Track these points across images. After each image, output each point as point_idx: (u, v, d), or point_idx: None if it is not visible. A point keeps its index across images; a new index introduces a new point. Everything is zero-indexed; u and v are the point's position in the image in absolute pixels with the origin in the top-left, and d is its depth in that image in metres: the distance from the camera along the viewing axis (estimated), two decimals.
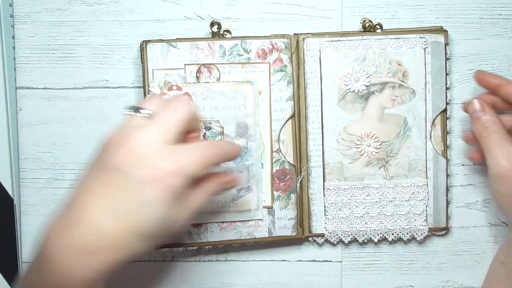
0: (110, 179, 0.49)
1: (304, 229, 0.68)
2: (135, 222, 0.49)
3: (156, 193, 0.48)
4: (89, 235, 0.48)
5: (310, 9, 0.68)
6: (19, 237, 0.70)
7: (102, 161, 0.50)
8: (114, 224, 0.48)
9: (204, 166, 0.51)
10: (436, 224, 0.68)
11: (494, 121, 0.60)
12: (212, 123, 0.65)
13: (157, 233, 0.50)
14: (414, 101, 0.66)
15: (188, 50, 0.65)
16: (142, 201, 0.48)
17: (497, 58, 0.68)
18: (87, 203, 0.49)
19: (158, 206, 0.49)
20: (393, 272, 0.70)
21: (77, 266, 0.48)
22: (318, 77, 0.66)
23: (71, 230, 0.48)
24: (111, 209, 0.48)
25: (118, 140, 0.50)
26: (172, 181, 0.49)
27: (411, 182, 0.67)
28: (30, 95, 0.69)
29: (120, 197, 0.49)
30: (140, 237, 0.49)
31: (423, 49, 0.66)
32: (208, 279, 0.70)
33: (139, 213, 0.49)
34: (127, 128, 0.51)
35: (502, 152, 0.59)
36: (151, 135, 0.50)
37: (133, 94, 0.68)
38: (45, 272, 0.49)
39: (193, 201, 0.53)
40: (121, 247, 0.49)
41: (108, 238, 0.48)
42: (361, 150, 0.67)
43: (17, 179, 0.69)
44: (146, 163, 0.49)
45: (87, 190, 0.50)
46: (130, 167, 0.49)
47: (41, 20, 0.68)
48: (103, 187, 0.49)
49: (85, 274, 0.48)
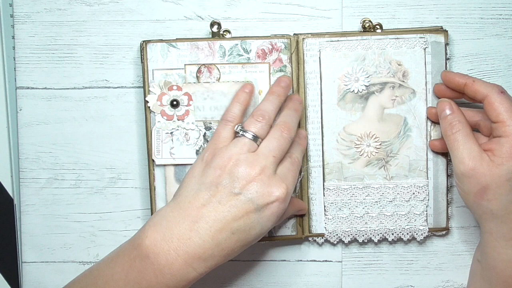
0: (233, 201, 0.56)
1: (304, 229, 0.68)
2: (248, 237, 0.57)
3: (270, 214, 0.57)
4: (210, 245, 0.55)
5: (310, 9, 0.68)
6: (19, 237, 0.70)
7: (219, 182, 0.56)
8: (233, 238, 0.56)
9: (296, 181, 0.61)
10: (436, 224, 0.68)
11: (460, 120, 0.61)
12: (212, 123, 0.65)
13: (252, 243, 0.59)
14: (414, 101, 0.66)
15: (188, 50, 0.65)
16: (260, 220, 0.57)
17: (497, 58, 0.68)
18: (210, 219, 0.55)
19: (267, 225, 0.57)
20: (393, 272, 0.70)
21: (192, 270, 0.55)
22: (318, 77, 0.66)
23: (194, 241, 0.55)
24: (232, 226, 0.56)
25: (237, 164, 0.57)
26: (282, 205, 0.57)
27: (411, 182, 0.67)
28: (30, 95, 0.69)
29: (242, 216, 0.56)
30: (244, 248, 0.58)
31: (423, 49, 0.66)
32: (208, 279, 0.70)
33: (255, 229, 0.57)
34: (242, 153, 0.57)
35: (466, 151, 0.59)
36: (271, 166, 0.57)
37: (133, 94, 0.68)
38: (151, 271, 0.55)
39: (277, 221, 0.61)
40: (230, 255, 0.57)
41: (224, 249, 0.56)
42: (361, 150, 0.67)
43: (17, 179, 0.69)
44: (263, 190, 0.56)
45: (207, 207, 0.56)
46: (252, 192, 0.56)
47: (41, 20, 0.68)
48: (226, 206, 0.56)
49: (196, 276, 0.56)
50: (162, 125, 0.65)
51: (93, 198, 0.70)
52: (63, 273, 0.70)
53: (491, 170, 0.58)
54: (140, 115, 0.68)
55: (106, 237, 0.70)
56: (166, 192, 0.66)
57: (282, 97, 0.62)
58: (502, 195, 0.59)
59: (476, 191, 0.59)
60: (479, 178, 0.59)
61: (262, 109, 0.60)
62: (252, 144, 0.58)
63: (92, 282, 0.58)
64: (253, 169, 0.56)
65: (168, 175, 0.66)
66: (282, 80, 0.63)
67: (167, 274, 0.55)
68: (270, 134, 0.59)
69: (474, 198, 0.60)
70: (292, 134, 0.60)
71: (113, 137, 0.69)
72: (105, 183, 0.69)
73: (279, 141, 0.59)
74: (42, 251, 0.70)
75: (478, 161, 0.59)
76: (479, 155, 0.59)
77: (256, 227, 0.57)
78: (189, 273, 0.55)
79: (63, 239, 0.70)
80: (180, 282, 0.55)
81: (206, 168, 0.57)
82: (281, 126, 0.60)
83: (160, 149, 0.65)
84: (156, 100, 0.65)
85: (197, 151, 0.65)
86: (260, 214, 0.56)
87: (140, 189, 0.69)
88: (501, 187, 0.58)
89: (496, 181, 0.58)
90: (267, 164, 0.57)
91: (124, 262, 0.56)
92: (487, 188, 0.59)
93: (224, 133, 0.59)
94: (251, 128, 0.59)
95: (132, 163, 0.69)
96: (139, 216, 0.70)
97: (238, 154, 0.57)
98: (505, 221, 0.60)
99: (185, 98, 0.65)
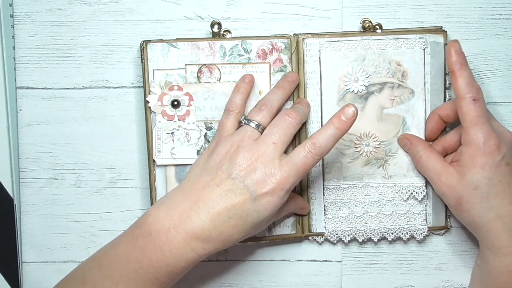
0: (230, 185, 0.57)
1: (303, 228, 0.68)
2: (245, 224, 0.57)
3: (270, 202, 0.57)
4: (208, 226, 0.56)
5: (310, 9, 0.68)
6: (19, 237, 0.70)
7: (219, 167, 0.58)
8: (231, 222, 0.56)
9: (299, 180, 0.59)
10: (436, 224, 0.68)
11: (421, 147, 0.64)
12: (213, 123, 0.65)
13: (251, 234, 0.59)
14: (413, 101, 0.66)
15: (188, 50, 0.65)
16: (257, 208, 0.57)
17: (497, 58, 0.68)
18: (208, 201, 0.57)
19: (264, 214, 0.57)
20: (393, 272, 0.70)
21: (190, 249, 0.56)
22: (318, 77, 0.66)
23: (193, 220, 0.56)
24: (229, 210, 0.56)
25: (237, 151, 0.58)
26: (280, 194, 0.57)
27: (410, 181, 0.67)
28: (30, 95, 0.68)
29: (238, 201, 0.56)
30: (243, 236, 0.58)
31: (422, 49, 0.66)
32: (209, 279, 0.70)
33: (252, 216, 0.57)
34: (244, 140, 0.59)
35: (433, 171, 0.63)
36: (269, 153, 0.57)
37: (133, 94, 0.68)
38: (152, 248, 0.56)
39: (277, 215, 0.63)
40: (228, 240, 0.57)
41: (221, 232, 0.57)
42: (360, 149, 0.67)
43: (17, 179, 0.69)
44: (265, 178, 0.57)
45: (206, 189, 0.57)
46: (248, 178, 0.57)
47: (41, 20, 0.68)
48: (223, 190, 0.57)
49: (194, 257, 0.57)
50: (163, 125, 0.65)
51: (93, 198, 0.70)
52: (63, 273, 0.69)
53: (459, 182, 0.61)
54: (140, 115, 0.68)
55: (106, 237, 0.70)
56: (167, 192, 0.66)
57: (287, 91, 0.64)
58: (476, 204, 0.60)
59: (454, 205, 0.62)
60: (451, 192, 0.61)
61: (266, 98, 0.62)
62: (254, 132, 0.59)
63: (96, 265, 0.59)
64: (252, 155, 0.57)
65: (169, 175, 0.66)
66: (289, 75, 0.65)
67: (167, 251, 0.56)
68: (273, 121, 0.60)
69: (455, 211, 0.63)
70: (297, 119, 0.60)
71: (113, 137, 0.69)
72: (105, 183, 0.69)
73: (280, 127, 0.59)
74: (42, 251, 0.70)
75: (445, 177, 0.62)
76: (445, 170, 0.62)
77: (252, 214, 0.57)
78: (187, 253, 0.56)
79: (63, 239, 0.70)
80: (179, 261, 0.56)
81: (211, 155, 0.59)
82: (285, 112, 0.61)
83: (161, 149, 0.65)
84: (157, 100, 0.65)
85: (198, 151, 0.65)
86: (256, 201, 0.57)
87: (140, 189, 0.69)
88: (472, 196, 0.60)
89: (465, 191, 0.60)
90: (266, 151, 0.58)
91: (127, 241, 0.58)
92: (461, 199, 0.61)
93: (227, 122, 0.62)
94: (254, 117, 0.60)
95: (132, 163, 0.69)
96: (139, 216, 0.69)
97: (239, 141, 0.59)
98: (489, 229, 0.61)
99: (186, 98, 0.65)
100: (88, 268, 0.59)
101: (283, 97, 0.63)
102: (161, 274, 0.57)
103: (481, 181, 0.59)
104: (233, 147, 0.58)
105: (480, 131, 0.59)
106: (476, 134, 0.60)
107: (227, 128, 0.61)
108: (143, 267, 0.56)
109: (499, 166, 0.60)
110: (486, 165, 0.59)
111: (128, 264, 0.57)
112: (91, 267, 0.59)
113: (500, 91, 0.69)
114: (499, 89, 0.69)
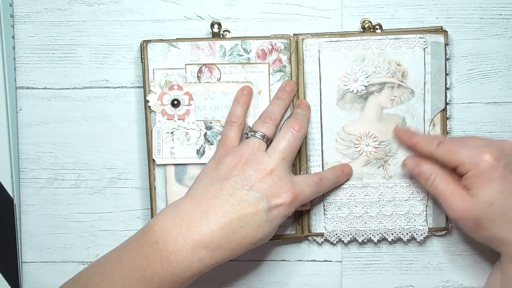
0: (243, 195, 0.57)
1: (303, 229, 0.68)
2: (255, 235, 0.58)
3: (280, 214, 0.58)
4: (218, 235, 0.56)
5: (310, 9, 0.68)
6: (19, 237, 0.70)
7: (231, 177, 0.58)
8: (242, 232, 0.57)
9: (311, 198, 0.62)
10: (436, 224, 0.68)
11: (432, 169, 0.63)
12: (213, 122, 0.65)
13: (259, 244, 0.60)
14: (413, 101, 0.66)
15: (188, 50, 0.65)
16: (268, 218, 0.58)
17: (497, 58, 0.68)
18: (220, 210, 0.57)
19: (273, 224, 0.59)
20: (393, 272, 0.70)
21: (198, 259, 0.56)
22: (317, 77, 0.66)
23: (203, 229, 0.56)
24: (241, 219, 0.57)
25: (248, 163, 0.59)
26: (291, 208, 0.59)
27: (410, 182, 0.67)
28: (30, 95, 0.69)
29: (251, 211, 0.57)
30: (251, 246, 0.59)
31: (422, 49, 0.66)
32: (209, 279, 0.70)
33: (263, 226, 0.58)
34: (254, 153, 0.60)
35: (453, 196, 0.61)
36: (282, 169, 0.59)
37: (133, 94, 0.68)
38: (158, 257, 0.56)
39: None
40: (237, 250, 0.58)
41: (231, 241, 0.57)
42: (359, 149, 0.67)
43: (17, 179, 0.69)
44: (273, 190, 0.58)
45: (218, 198, 0.58)
46: (263, 189, 0.58)
47: (41, 20, 0.68)
48: (236, 200, 0.57)
49: (200, 267, 0.56)
50: (163, 125, 0.65)
51: (93, 198, 0.70)
52: (63, 273, 0.70)
53: (473, 203, 0.60)
54: (140, 115, 0.68)
55: (106, 237, 0.70)
56: (167, 192, 0.66)
57: (287, 101, 0.65)
58: (496, 219, 0.60)
59: (473, 228, 0.61)
60: (468, 215, 0.60)
61: (268, 111, 0.63)
62: (262, 144, 0.60)
63: (100, 271, 0.58)
64: (264, 168, 0.58)
65: (169, 175, 0.66)
66: (287, 85, 0.65)
67: (173, 261, 0.55)
68: (280, 134, 0.61)
69: (475, 234, 0.62)
70: (303, 131, 0.61)
71: (113, 137, 0.69)
72: (105, 183, 0.69)
73: (288, 141, 0.60)
74: (42, 251, 0.70)
75: (460, 201, 0.61)
76: (459, 193, 0.61)
77: (264, 225, 0.58)
78: (194, 263, 0.56)
79: (63, 239, 0.70)
80: (185, 271, 0.56)
81: (219, 165, 0.60)
82: (291, 123, 0.61)
83: (160, 149, 0.65)
84: (157, 99, 0.65)
85: (198, 150, 0.66)
86: (269, 212, 0.57)
87: (140, 189, 0.69)
88: (490, 213, 0.59)
89: (482, 210, 0.60)
90: (278, 166, 0.59)
91: (132, 249, 0.57)
92: (479, 219, 0.60)
93: (230, 133, 0.62)
94: (259, 128, 0.61)
95: (132, 163, 0.69)
96: (139, 216, 0.70)
97: (249, 154, 0.59)
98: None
99: (185, 98, 0.65)
100: (91, 274, 0.59)
101: (285, 107, 0.65)
102: (165, 284, 0.56)
103: (494, 196, 0.59)
104: (243, 159, 0.59)
105: (468, 154, 0.60)
106: (467, 157, 0.60)
107: (231, 139, 0.62)
108: (147, 275, 0.56)
109: (505, 176, 0.59)
110: (493, 179, 0.59)
111: (132, 272, 0.57)
112: (94, 273, 0.59)
113: (500, 91, 0.69)
114: (499, 89, 0.68)
